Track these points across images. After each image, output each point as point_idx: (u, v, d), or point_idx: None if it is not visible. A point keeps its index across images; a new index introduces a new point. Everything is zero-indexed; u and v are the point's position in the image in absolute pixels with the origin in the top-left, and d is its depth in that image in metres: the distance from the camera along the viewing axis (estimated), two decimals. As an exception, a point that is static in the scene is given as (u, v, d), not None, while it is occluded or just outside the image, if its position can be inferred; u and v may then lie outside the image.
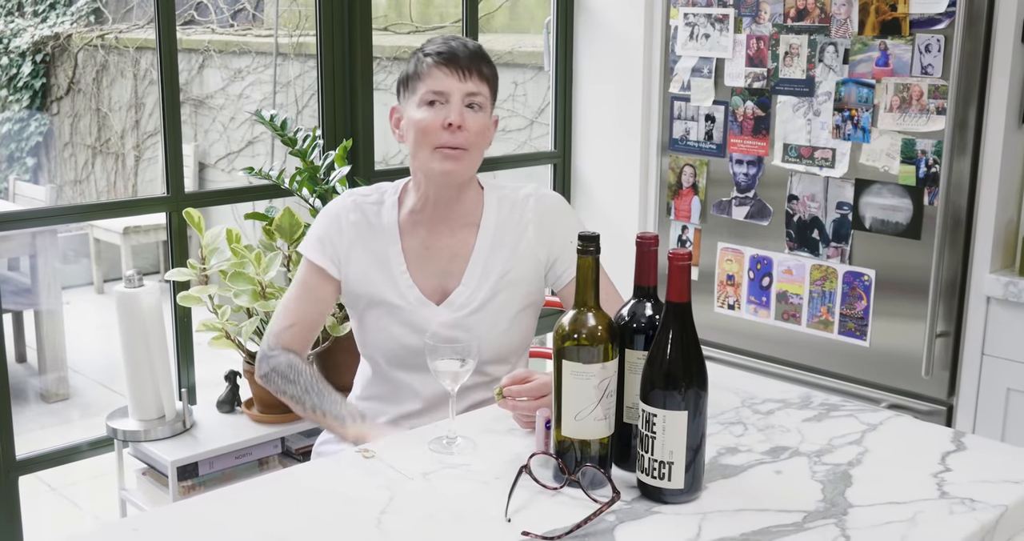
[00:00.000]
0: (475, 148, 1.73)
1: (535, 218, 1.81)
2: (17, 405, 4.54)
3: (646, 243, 1.36)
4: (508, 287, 1.78)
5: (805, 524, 1.26)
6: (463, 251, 1.79)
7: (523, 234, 1.80)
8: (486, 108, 1.75)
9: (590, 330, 1.32)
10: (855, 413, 1.62)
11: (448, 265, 1.79)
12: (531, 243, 1.80)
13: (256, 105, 5.94)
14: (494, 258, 1.79)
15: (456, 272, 1.78)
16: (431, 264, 1.79)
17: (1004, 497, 1.33)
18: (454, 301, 1.77)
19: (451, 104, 1.70)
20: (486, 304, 1.77)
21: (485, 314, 1.76)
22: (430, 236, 1.80)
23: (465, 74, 1.70)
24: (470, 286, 1.77)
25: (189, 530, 1.27)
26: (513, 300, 1.79)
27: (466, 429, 1.54)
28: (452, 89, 1.70)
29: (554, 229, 1.79)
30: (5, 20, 7.46)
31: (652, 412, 1.29)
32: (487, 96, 1.74)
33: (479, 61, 1.73)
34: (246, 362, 2.48)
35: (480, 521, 1.27)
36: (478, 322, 1.76)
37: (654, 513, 1.30)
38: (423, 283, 1.78)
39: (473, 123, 1.71)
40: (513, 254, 1.79)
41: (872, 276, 2.63)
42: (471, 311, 1.76)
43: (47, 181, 7.29)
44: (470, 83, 1.71)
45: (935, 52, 2.44)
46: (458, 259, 1.79)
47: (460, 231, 1.80)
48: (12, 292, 4.61)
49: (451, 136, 1.69)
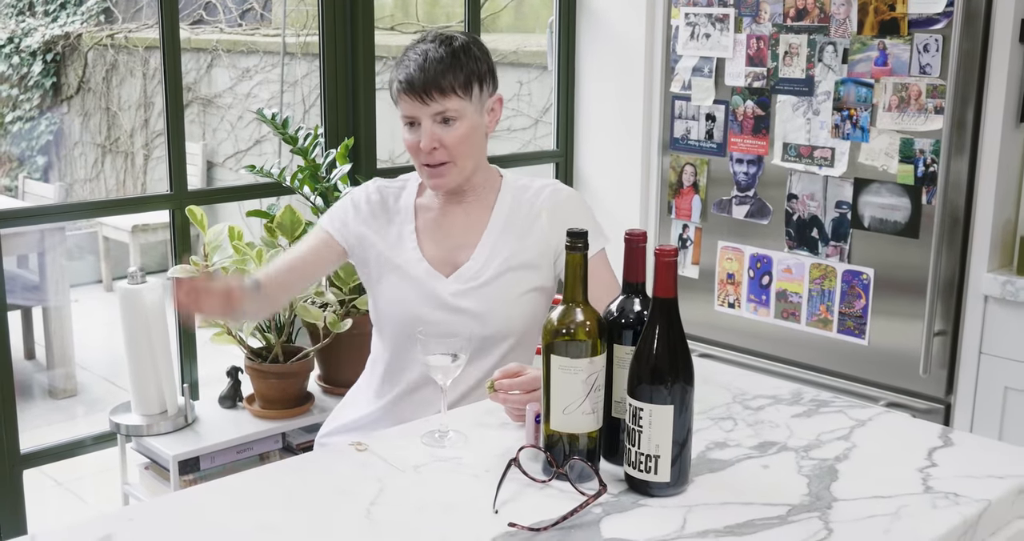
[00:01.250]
0: (460, 157, 1.80)
1: (549, 206, 1.88)
2: (25, 401, 4.59)
3: (634, 240, 1.37)
4: (517, 269, 1.85)
5: (789, 517, 1.28)
6: (476, 227, 1.87)
7: (536, 221, 1.87)
8: (463, 115, 1.79)
9: (578, 325, 1.34)
10: (844, 409, 1.63)
11: (461, 239, 1.87)
12: (544, 230, 1.86)
13: (264, 104, 5.97)
14: (504, 240, 1.86)
15: (467, 246, 1.86)
16: (443, 237, 1.87)
17: (988, 492, 1.35)
18: (463, 274, 1.84)
19: (422, 128, 1.78)
20: (493, 280, 1.83)
21: (492, 289, 1.83)
22: (443, 214, 1.89)
23: (424, 98, 1.75)
24: (479, 261, 1.85)
25: (183, 520, 1.29)
26: (521, 281, 1.85)
27: (458, 423, 1.56)
28: (418, 114, 1.78)
29: (567, 219, 1.82)
30: (16, 19, 7.51)
31: (639, 406, 1.31)
32: (458, 104, 1.78)
33: (437, 78, 1.75)
34: (248, 358, 2.51)
35: (468, 513, 1.29)
36: (485, 295, 1.82)
37: (640, 506, 1.31)
38: (433, 255, 1.86)
39: (450, 138, 1.78)
40: (524, 239, 1.86)
41: (871, 275, 2.64)
42: (479, 284, 1.83)
43: (57, 180, 7.34)
44: (433, 105, 1.76)
45: (933, 52, 2.45)
46: (471, 234, 1.87)
47: (473, 210, 1.89)
48: (21, 289, 4.65)
49: (428, 156, 1.78)
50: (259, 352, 2.52)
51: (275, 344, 2.51)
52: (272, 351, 2.51)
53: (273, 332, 2.52)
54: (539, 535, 1.23)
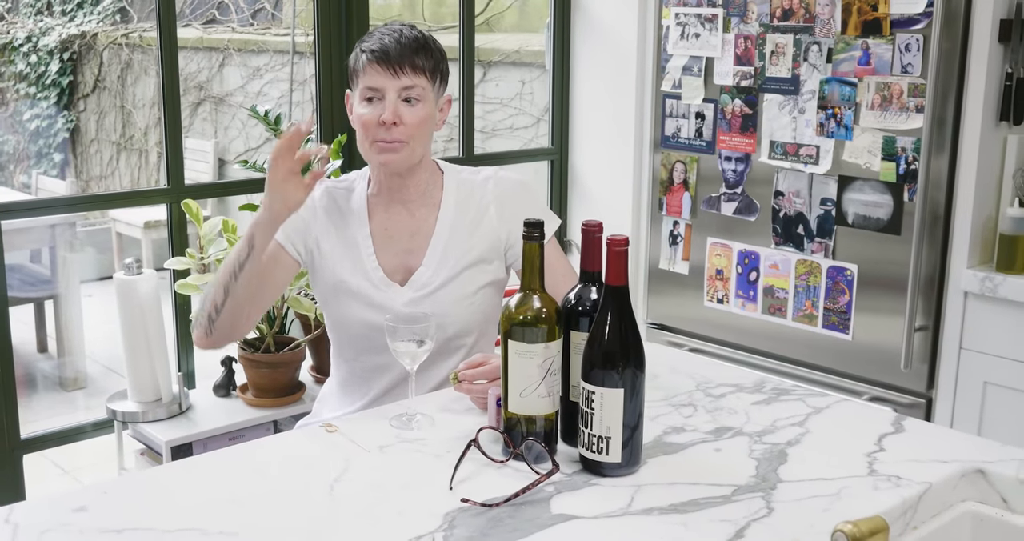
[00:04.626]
0: (415, 139, 1.77)
1: (496, 199, 1.86)
2: (37, 392, 4.68)
3: (591, 230, 1.43)
4: (469, 266, 1.84)
5: (733, 497, 1.33)
6: (423, 230, 1.85)
7: (484, 215, 1.86)
8: (425, 98, 1.78)
9: (535, 312, 1.40)
10: (804, 397, 1.68)
11: (409, 244, 1.84)
12: (492, 223, 1.85)
13: (274, 103, 6.05)
14: (454, 239, 1.84)
15: (417, 251, 1.84)
16: (393, 244, 1.84)
17: (930, 475, 1.39)
18: (416, 281, 1.82)
19: (386, 101, 1.75)
20: (447, 283, 1.82)
21: (446, 291, 1.82)
22: (389, 217, 1.85)
23: (397, 70, 1.74)
24: (431, 266, 1.83)
25: (155, 493, 1.36)
26: (474, 278, 1.84)
27: (425, 407, 1.62)
28: (386, 86, 1.75)
29: (516, 210, 1.83)
30: (35, 19, 7.63)
31: (591, 389, 1.37)
32: (425, 86, 1.77)
33: (412, 54, 1.75)
34: (241, 348, 2.58)
35: (425, 490, 1.35)
36: (440, 299, 1.81)
37: (591, 485, 1.37)
38: (387, 263, 1.83)
39: (410, 116, 1.76)
40: (473, 234, 1.85)
41: (855, 271, 2.68)
42: (433, 289, 1.82)
43: (74, 177, 7.46)
44: (404, 78, 1.74)
45: (915, 51, 2.49)
46: (418, 238, 1.85)
47: (419, 211, 1.86)
48: (33, 283, 4.74)
49: (386, 132, 1.75)
50: (252, 342, 2.59)
51: (267, 334, 2.58)
52: (265, 341, 2.58)
53: (266, 323, 2.59)
54: (491, 511, 1.29)
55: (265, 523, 1.26)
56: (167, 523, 1.25)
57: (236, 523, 1.25)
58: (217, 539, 1.21)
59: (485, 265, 1.86)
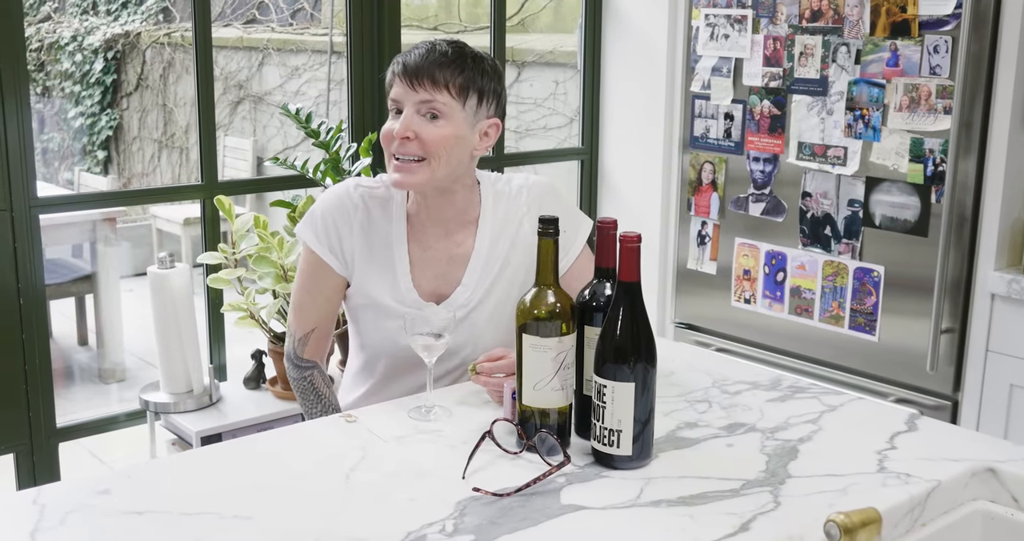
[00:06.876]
0: (435, 158, 1.70)
1: (529, 211, 1.85)
2: (77, 385, 4.78)
3: (606, 228, 1.45)
4: (508, 279, 1.82)
5: (741, 491, 1.35)
6: (460, 253, 1.81)
7: (520, 228, 1.84)
8: (450, 116, 1.70)
9: (549, 307, 1.42)
10: (819, 395, 1.69)
11: (445, 268, 1.81)
12: (527, 233, 1.84)
13: (311, 101, 6.13)
14: (494, 254, 1.82)
15: (452, 275, 1.80)
16: (430, 267, 1.81)
17: (940, 473, 1.40)
18: (454, 301, 1.79)
19: (403, 114, 1.71)
20: (484, 301, 1.80)
21: (483, 310, 1.80)
22: (427, 238, 1.81)
23: (414, 83, 1.69)
24: (469, 287, 1.80)
25: (174, 479, 1.40)
26: (511, 293, 1.81)
27: (444, 400, 1.65)
28: (404, 99, 1.71)
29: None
30: (80, 19, 7.78)
31: (603, 383, 1.39)
32: (447, 102, 1.69)
33: (435, 68, 1.68)
34: (270, 341, 2.62)
35: (439, 478, 1.38)
36: (477, 317, 1.80)
37: (602, 477, 1.39)
38: (423, 286, 1.80)
39: (429, 133, 1.69)
40: (512, 246, 1.83)
41: (881, 272, 2.68)
42: (470, 309, 1.80)
43: (116, 173, 7.59)
44: (422, 92, 1.68)
45: (943, 53, 2.48)
46: (455, 262, 1.81)
47: (457, 232, 1.82)
48: (74, 279, 4.83)
49: (400, 146, 1.70)
50: (281, 336, 2.64)
51: (297, 329, 2.62)
52: (294, 335, 2.62)
53: (296, 317, 2.63)
54: (502, 500, 1.32)
55: (280, 508, 1.29)
56: (185, 507, 1.29)
57: (252, 508, 1.29)
58: (232, 523, 1.25)
59: (522, 273, 1.82)
